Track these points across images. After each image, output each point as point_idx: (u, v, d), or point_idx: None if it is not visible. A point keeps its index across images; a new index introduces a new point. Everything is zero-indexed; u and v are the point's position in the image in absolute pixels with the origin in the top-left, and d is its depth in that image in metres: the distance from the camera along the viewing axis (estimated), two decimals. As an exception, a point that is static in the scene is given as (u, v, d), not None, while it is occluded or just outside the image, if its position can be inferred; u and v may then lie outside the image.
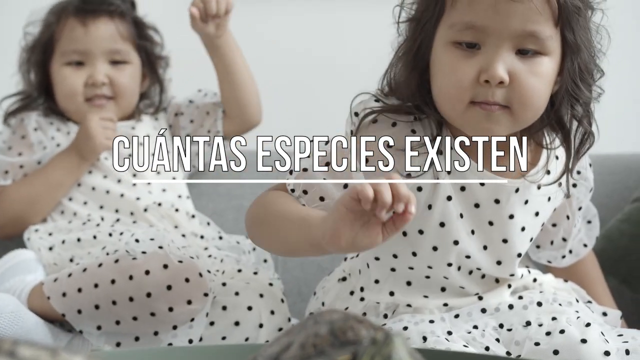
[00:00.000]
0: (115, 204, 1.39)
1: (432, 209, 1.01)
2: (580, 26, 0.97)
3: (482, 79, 0.94)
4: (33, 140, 1.43)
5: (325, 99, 1.85)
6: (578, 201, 1.11)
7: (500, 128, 0.97)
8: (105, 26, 1.44)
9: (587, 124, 1.02)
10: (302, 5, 1.87)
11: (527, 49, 0.95)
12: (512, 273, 1.07)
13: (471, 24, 0.94)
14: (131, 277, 1.10)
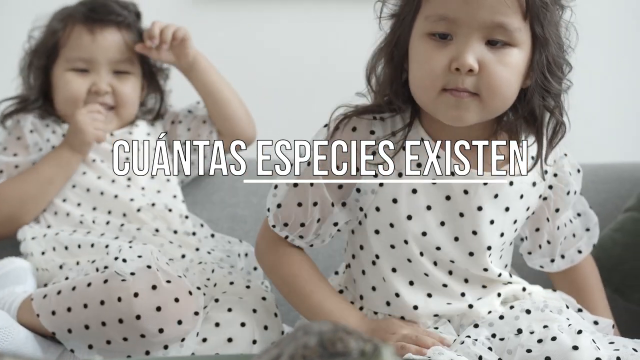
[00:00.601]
0: (108, 205, 1.39)
1: (398, 202, 1.06)
2: (549, 21, 1.02)
3: (452, 67, 1.00)
4: (29, 141, 1.43)
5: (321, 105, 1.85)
6: (556, 203, 1.14)
7: (469, 114, 1.02)
8: (112, 36, 1.45)
9: (559, 114, 1.06)
10: (298, 12, 1.88)
11: (496, 40, 1.00)
12: (485, 267, 1.09)
13: (444, 15, 1.00)
14: (120, 299, 1.09)
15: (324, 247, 1.51)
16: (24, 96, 1.49)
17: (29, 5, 1.72)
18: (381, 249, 1.09)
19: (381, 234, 1.09)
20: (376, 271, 1.11)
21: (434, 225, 1.07)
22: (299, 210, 1.09)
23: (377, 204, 1.08)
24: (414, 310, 1.08)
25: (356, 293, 1.14)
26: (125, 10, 1.48)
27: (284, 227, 1.11)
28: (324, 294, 1.10)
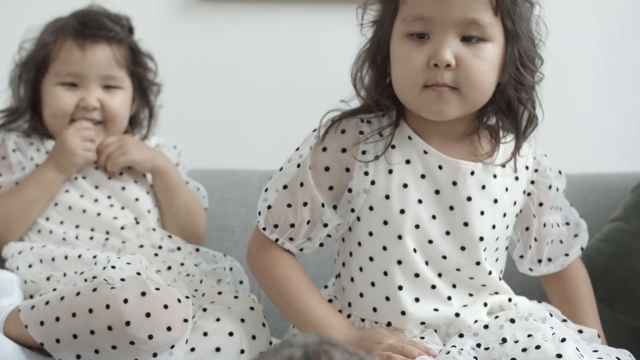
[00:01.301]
0: (91, 223, 1.39)
1: (390, 198, 1.10)
2: (519, 16, 1.07)
3: (431, 63, 1.05)
4: (12, 160, 1.43)
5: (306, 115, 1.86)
6: (539, 197, 1.18)
7: (451, 108, 1.07)
8: (102, 52, 1.44)
9: (531, 107, 1.12)
10: (287, 20, 1.89)
11: (470, 36, 1.06)
12: (478, 260, 1.11)
13: (420, 15, 1.06)
14: (108, 306, 1.09)
15: (313, 253, 1.52)
16: (12, 108, 1.49)
17: (22, 15, 1.73)
18: (374, 252, 1.11)
19: (374, 235, 1.11)
20: (365, 277, 1.12)
21: (426, 219, 1.10)
22: (288, 211, 1.12)
23: (370, 202, 1.10)
24: (402, 316, 1.10)
25: (344, 301, 1.15)
26: (118, 25, 1.47)
27: (274, 229, 1.13)
28: (313, 300, 1.12)
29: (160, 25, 1.85)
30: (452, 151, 1.11)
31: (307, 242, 1.14)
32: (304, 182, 1.11)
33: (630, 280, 1.41)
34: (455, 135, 1.12)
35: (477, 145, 1.12)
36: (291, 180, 1.12)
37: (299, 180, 1.12)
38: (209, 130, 1.86)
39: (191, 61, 1.87)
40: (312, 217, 1.11)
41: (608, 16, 1.91)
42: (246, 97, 1.88)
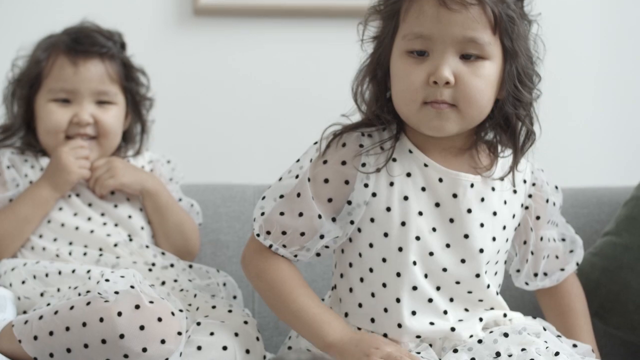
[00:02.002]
0: (84, 240, 1.39)
1: (391, 210, 1.11)
2: (517, 34, 1.09)
3: (430, 80, 1.07)
4: (6, 177, 1.43)
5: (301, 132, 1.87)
6: (536, 211, 1.20)
7: (450, 124, 1.09)
8: (95, 68, 1.45)
9: (529, 123, 1.14)
10: (278, 39, 1.90)
11: (469, 54, 1.08)
12: (478, 273, 1.12)
13: (419, 33, 1.08)
14: (102, 319, 1.09)
15: (308, 268, 1.53)
16: (6, 125, 1.49)
17: (15, 32, 1.73)
18: (374, 263, 1.12)
19: (375, 247, 1.12)
20: (364, 288, 1.13)
21: (426, 231, 1.11)
22: (281, 219, 1.13)
23: (371, 214, 1.11)
24: (398, 328, 1.10)
25: (341, 312, 1.16)
26: (110, 41, 1.48)
27: (267, 235, 1.14)
28: (309, 300, 1.12)
29: (154, 39, 1.86)
30: (451, 164, 1.13)
31: (302, 251, 1.14)
32: (301, 193, 1.12)
33: (623, 294, 1.41)
34: (454, 150, 1.14)
35: (476, 159, 1.13)
36: (289, 191, 1.13)
37: (297, 191, 1.12)
38: (204, 144, 1.87)
39: (185, 75, 1.88)
40: (306, 229, 1.12)
41: (602, 32, 1.93)
42: (240, 111, 1.89)
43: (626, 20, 1.94)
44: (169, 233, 1.46)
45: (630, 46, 1.94)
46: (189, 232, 1.48)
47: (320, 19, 1.88)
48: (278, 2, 1.87)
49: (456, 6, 1.05)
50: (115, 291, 1.12)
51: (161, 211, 1.45)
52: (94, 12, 1.52)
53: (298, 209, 1.12)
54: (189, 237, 1.48)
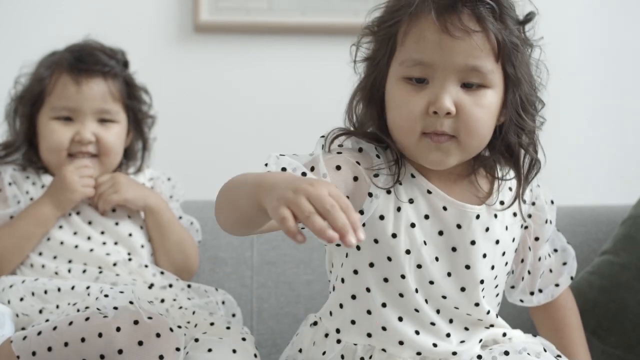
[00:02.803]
0: (84, 259, 1.39)
1: (398, 237, 1.06)
2: (520, 61, 1.05)
3: (430, 110, 1.02)
4: (8, 194, 1.43)
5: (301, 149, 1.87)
6: (535, 232, 1.17)
7: (450, 158, 1.05)
8: (97, 86, 1.45)
9: (533, 151, 1.10)
10: (279, 56, 1.91)
11: (471, 83, 1.03)
12: (477, 302, 1.09)
13: (419, 60, 1.03)
14: (100, 334, 1.10)
15: (306, 285, 1.53)
16: (8, 142, 1.50)
17: (18, 48, 1.74)
18: (374, 282, 1.08)
19: (376, 267, 1.08)
20: (358, 305, 1.09)
21: (429, 261, 1.07)
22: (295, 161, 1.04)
23: (376, 236, 1.07)
24: (400, 345, 1.08)
25: (332, 326, 1.12)
26: (113, 59, 1.49)
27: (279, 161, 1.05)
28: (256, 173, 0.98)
29: (155, 56, 1.87)
30: (454, 192, 1.09)
31: None
32: (314, 167, 1.03)
33: (621, 313, 1.41)
34: (454, 176, 1.10)
35: (476, 185, 1.10)
36: (303, 162, 1.04)
37: (311, 164, 1.04)
38: (203, 160, 1.87)
39: (185, 92, 1.89)
40: None
41: (600, 50, 1.94)
42: (240, 128, 1.89)
43: (623, 39, 1.95)
44: (169, 251, 1.46)
45: (627, 64, 1.95)
46: (189, 251, 1.48)
47: (320, 37, 1.89)
48: (278, 19, 1.88)
49: (459, 33, 1.01)
50: (114, 307, 1.13)
51: (162, 229, 1.46)
52: (96, 28, 1.53)
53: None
54: (189, 255, 1.48)
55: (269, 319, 1.55)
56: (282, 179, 0.90)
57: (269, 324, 1.55)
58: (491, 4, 1.02)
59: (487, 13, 1.02)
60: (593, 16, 1.94)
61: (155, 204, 1.46)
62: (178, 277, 1.42)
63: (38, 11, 1.86)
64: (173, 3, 1.88)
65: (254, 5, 1.88)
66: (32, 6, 1.86)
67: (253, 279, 1.57)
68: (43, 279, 1.35)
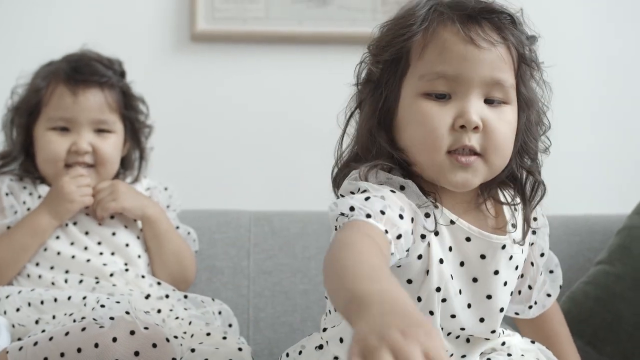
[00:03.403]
0: (80, 269, 1.39)
1: (429, 274, 0.99)
2: (531, 80, 1.03)
3: (457, 124, 0.97)
4: (5, 204, 1.43)
5: (298, 160, 1.88)
6: (540, 247, 1.14)
7: (476, 178, 0.99)
8: (94, 97, 1.45)
9: (537, 174, 1.06)
10: (276, 66, 1.91)
11: (493, 98, 0.99)
12: (493, 329, 1.07)
13: (442, 73, 0.98)
14: (97, 344, 1.10)
15: (302, 295, 1.52)
16: (5, 152, 1.50)
17: (15, 57, 1.75)
18: None
19: None
20: None
21: (453, 294, 1.01)
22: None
23: (410, 276, 1.00)
24: None
25: (339, 353, 1.05)
26: (110, 69, 1.49)
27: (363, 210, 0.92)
28: (368, 256, 0.83)
29: (152, 65, 1.87)
30: (475, 222, 1.02)
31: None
32: (384, 196, 0.94)
33: (616, 323, 1.41)
34: (465, 204, 1.04)
35: (486, 213, 1.05)
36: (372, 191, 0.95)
37: (380, 194, 0.94)
38: (199, 170, 1.88)
39: (182, 101, 1.89)
40: None
41: (596, 61, 1.95)
42: (237, 137, 1.90)
43: (621, 48, 1.96)
44: (166, 261, 1.46)
45: (623, 74, 1.95)
46: (186, 261, 1.48)
47: (316, 46, 1.89)
48: (275, 28, 1.89)
49: (485, 44, 0.97)
50: (111, 317, 1.13)
51: (160, 238, 1.46)
52: (94, 38, 1.54)
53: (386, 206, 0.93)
54: (186, 265, 1.48)
55: (265, 328, 1.55)
56: (379, 298, 0.72)
57: (266, 333, 1.55)
58: (510, 16, 1.00)
59: (506, 25, 1.00)
60: (590, 26, 1.95)
61: (153, 214, 1.46)
62: (175, 288, 1.42)
63: (36, 21, 1.86)
64: (170, 12, 1.89)
65: (250, 15, 1.89)
66: (30, 16, 1.86)
67: (249, 289, 1.58)
68: (39, 289, 1.35)
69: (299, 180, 1.85)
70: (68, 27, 1.85)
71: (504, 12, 1.00)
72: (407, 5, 1.05)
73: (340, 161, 1.07)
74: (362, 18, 1.89)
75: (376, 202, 0.92)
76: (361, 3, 1.89)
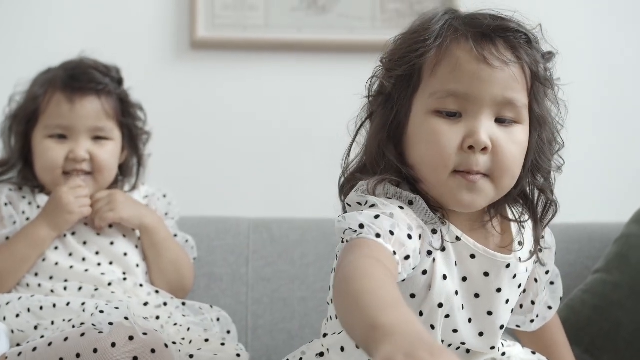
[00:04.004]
0: (79, 279, 1.39)
1: (432, 289, 0.99)
2: (545, 99, 1.01)
3: (466, 144, 0.96)
4: (4, 214, 1.43)
5: (297, 167, 1.88)
6: (546, 265, 1.13)
7: (481, 199, 0.98)
8: (91, 105, 1.45)
9: (550, 193, 1.04)
10: (275, 73, 1.92)
11: (504, 118, 0.98)
12: (493, 345, 1.06)
13: (453, 91, 0.97)
14: (96, 350, 1.10)
15: (300, 302, 1.53)
16: (4, 160, 1.50)
17: (12, 64, 1.75)
18: None
19: None
20: None
21: (456, 309, 1.01)
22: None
23: (414, 291, 0.99)
24: None
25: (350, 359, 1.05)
26: (107, 77, 1.49)
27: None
28: (383, 284, 0.81)
29: (152, 72, 1.88)
30: (479, 239, 1.02)
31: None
32: (394, 214, 0.94)
33: (614, 332, 1.41)
34: (471, 222, 1.02)
35: (492, 231, 1.04)
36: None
37: (389, 211, 0.94)
38: (198, 177, 1.88)
39: (182, 108, 1.89)
40: None
41: (597, 67, 1.95)
42: (236, 145, 1.90)
43: (623, 55, 1.96)
44: (164, 269, 1.46)
45: (622, 82, 1.96)
46: (184, 269, 1.49)
47: (316, 53, 1.90)
48: (274, 36, 1.89)
49: (498, 63, 0.96)
50: (110, 322, 1.13)
51: (158, 247, 1.46)
52: (93, 44, 1.54)
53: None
54: (184, 274, 1.48)
55: (263, 335, 1.55)
56: (402, 329, 0.72)
57: (264, 340, 1.55)
58: (526, 35, 0.99)
59: (520, 44, 0.98)
60: (592, 33, 1.96)
61: (151, 223, 1.46)
62: (173, 296, 1.42)
63: (35, 27, 1.86)
64: (170, 19, 1.89)
65: (250, 22, 1.90)
66: (30, 21, 1.87)
67: (248, 295, 1.58)
68: (39, 295, 1.35)
69: (298, 187, 1.85)
70: (68, 34, 1.85)
71: (519, 30, 0.99)
72: (423, 17, 1.03)
73: (348, 171, 1.06)
74: (361, 26, 1.89)
75: (385, 220, 0.91)
76: (360, 11, 1.89)
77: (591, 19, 1.96)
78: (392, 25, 1.87)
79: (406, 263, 0.91)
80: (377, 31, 1.07)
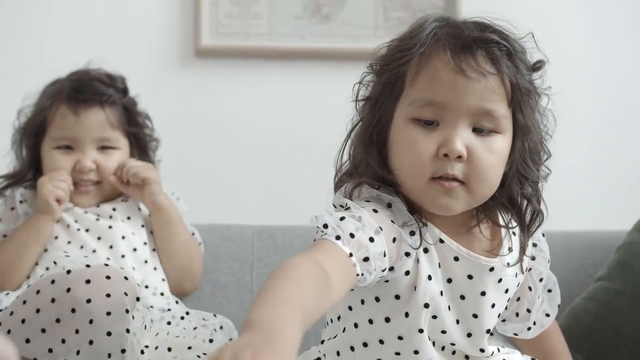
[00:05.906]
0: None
1: (417, 290, 1.00)
2: (530, 108, 1.01)
3: (441, 153, 0.98)
4: (19, 211, 1.47)
5: (302, 175, 1.89)
6: (538, 272, 1.13)
7: (458, 204, 1.00)
8: (96, 116, 1.48)
9: (536, 202, 1.05)
10: (279, 81, 1.93)
11: (482, 127, 0.99)
12: (482, 348, 1.07)
13: (431, 100, 0.98)
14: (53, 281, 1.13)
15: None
16: (15, 172, 1.53)
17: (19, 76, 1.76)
18: (386, 336, 1.03)
19: (392, 323, 1.02)
20: (369, 352, 1.04)
21: (443, 310, 1.02)
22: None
23: (397, 291, 1.01)
24: None
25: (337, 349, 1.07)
26: (112, 87, 1.51)
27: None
28: (287, 282, 0.83)
29: (156, 80, 1.89)
30: (463, 242, 1.03)
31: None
32: (362, 216, 0.96)
33: (616, 340, 1.41)
34: (457, 226, 1.04)
35: (479, 236, 1.05)
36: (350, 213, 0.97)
37: (358, 214, 0.96)
38: (203, 184, 1.88)
39: (186, 116, 1.90)
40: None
41: (595, 74, 1.96)
42: (241, 152, 1.91)
43: (620, 67, 1.97)
44: (177, 250, 1.48)
45: (622, 91, 1.97)
46: (194, 255, 1.52)
47: (319, 62, 1.91)
48: (278, 44, 1.90)
49: (475, 74, 0.97)
50: (87, 265, 1.17)
51: (171, 228, 1.48)
52: (98, 54, 1.55)
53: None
54: (194, 259, 1.51)
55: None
56: (261, 326, 0.75)
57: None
58: (507, 47, 0.99)
59: (501, 55, 0.99)
60: (591, 44, 1.97)
61: (166, 202, 1.50)
62: (178, 295, 1.44)
63: (40, 36, 1.88)
64: (174, 27, 1.91)
65: (254, 30, 1.91)
66: (34, 30, 1.88)
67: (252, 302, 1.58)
68: None
69: (302, 195, 1.86)
70: (73, 43, 1.87)
71: (500, 42, 1.00)
72: (414, 24, 1.05)
73: (339, 173, 1.08)
74: (364, 34, 1.91)
75: (350, 223, 0.93)
76: (363, 19, 1.91)
77: (592, 26, 1.97)
78: (395, 33, 1.85)
79: (366, 264, 0.93)
80: (380, 40, 1.08)
